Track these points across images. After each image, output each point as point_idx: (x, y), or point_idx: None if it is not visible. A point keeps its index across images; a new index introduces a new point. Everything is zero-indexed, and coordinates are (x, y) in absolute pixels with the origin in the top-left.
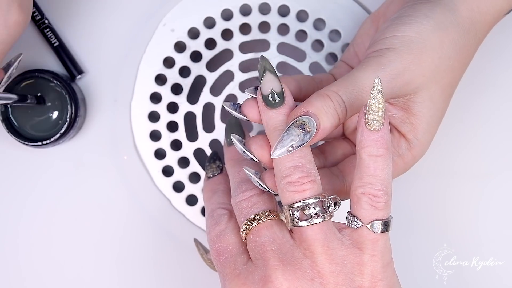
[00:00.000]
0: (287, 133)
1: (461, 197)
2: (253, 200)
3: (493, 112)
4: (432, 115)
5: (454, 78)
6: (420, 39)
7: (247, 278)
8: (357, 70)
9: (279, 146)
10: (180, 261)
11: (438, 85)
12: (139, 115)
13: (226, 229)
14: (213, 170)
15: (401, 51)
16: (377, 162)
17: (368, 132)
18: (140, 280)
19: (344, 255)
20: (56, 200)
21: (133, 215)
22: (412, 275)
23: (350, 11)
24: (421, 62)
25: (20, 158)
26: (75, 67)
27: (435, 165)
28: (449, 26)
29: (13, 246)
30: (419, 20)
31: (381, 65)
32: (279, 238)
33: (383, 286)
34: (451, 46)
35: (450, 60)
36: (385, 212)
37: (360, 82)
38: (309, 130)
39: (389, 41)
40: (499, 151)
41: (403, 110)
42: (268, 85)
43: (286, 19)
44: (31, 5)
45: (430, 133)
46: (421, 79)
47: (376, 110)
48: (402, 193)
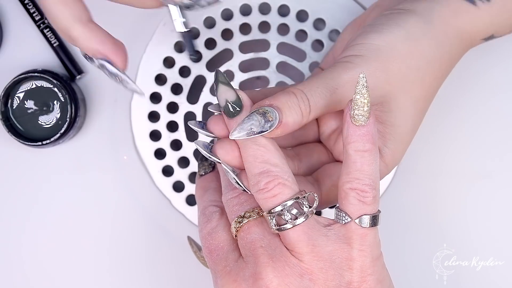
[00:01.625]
0: (248, 118)
1: (461, 197)
2: (243, 197)
3: (495, 111)
4: (403, 125)
5: (427, 91)
6: (388, 47)
7: (238, 275)
8: (324, 72)
9: (238, 128)
10: (180, 261)
11: (408, 96)
12: (139, 115)
13: (217, 226)
14: (205, 168)
15: (368, 58)
16: (363, 157)
17: (354, 127)
18: (140, 280)
19: (331, 250)
20: (56, 200)
21: (133, 215)
22: (412, 275)
23: (350, 11)
24: (387, 70)
25: (20, 158)
26: (75, 67)
27: (435, 165)
28: (420, 37)
29: (13, 246)
30: (390, 29)
31: (348, 69)
32: (269, 234)
33: (372, 280)
34: (421, 57)
35: (420, 72)
36: (373, 206)
37: (325, 82)
38: (271, 119)
39: (357, 48)
40: (499, 151)
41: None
42: (222, 96)
43: (286, 19)
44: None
45: (401, 142)
46: (386, 87)
47: (361, 105)
48: (402, 193)
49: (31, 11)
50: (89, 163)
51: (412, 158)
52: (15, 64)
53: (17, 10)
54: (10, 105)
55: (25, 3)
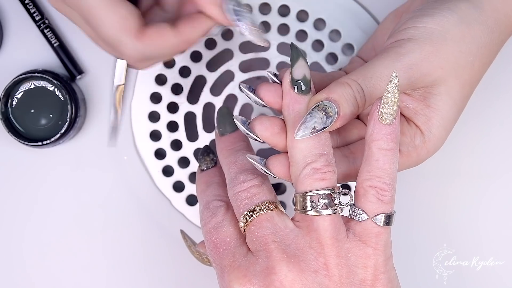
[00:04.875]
0: (310, 115)
1: (461, 197)
2: (252, 191)
3: (495, 111)
4: (449, 110)
5: (474, 77)
6: (442, 31)
7: (248, 270)
8: (376, 59)
9: (303, 127)
10: (180, 261)
11: (457, 81)
12: (139, 115)
13: (223, 220)
14: (207, 163)
15: (421, 42)
16: (386, 156)
17: (380, 126)
18: (140, 279)
19: (348, 247)
20: (56, 200)
21: (133, 215)
22: (412, 275)
23: (350, 11)
24: (440, 54)
25: (20, 158)
26: (75, 67)
27: (436, 165)
28: (472, 22)
29: (13, 246)
30: (442, 13)
31: (400, 55)
32: (281, 229)
33: (384, 279)
34: (473, 42)
35: (471, 56)
36: (390, 205)
37: (378, 71)
38: (331, 114)
39: (409, 32)
40: (499, 152)
41: (419, 102)
42: (300, 70)
43: (286, 19)
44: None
45: (445, 128)
46: (439, 71)
47: (391, 104)
48: (402, 193)
49: (31, 11)
50: (89, 163)
51: None
52: (15, 64)
53: (17, 10)
54: (10, 105)
55: (25, 3)
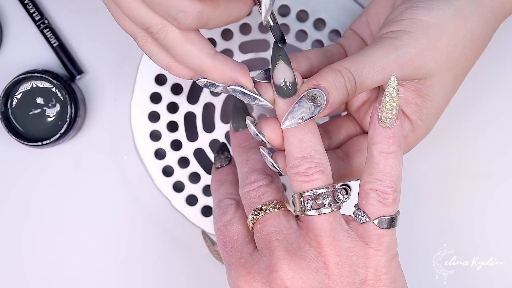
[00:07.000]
0: (298, 104)
1: (461, 197)
2: (261, 190)
3: (495, 111)
4: (440, 100)
5: (467, 67)
6: (438, 25)
7: (253, 267)
8: (370, 49)
9: (290, 117)
10: (180, 261)
11: (450, 72)
12: (139, 115)
13: (233, 219)
14: (222, 161)
15: (416, 35)
16: (387, 159)
17: (380, 129)
18: (140, 280)
19: (349, 247)
20: (56, 200)
21: (133, 215)
22: (412, 275)
23: (350, 11)
24: (435, 49)
25: (20, 158)
26: (75, 67)
27: (436, 165)
28: (468, 14)
29: (13, 246)
30: (439, 5)
31: (395, 47)
32: (285, 228)
33: (387, 279)
34: (468, 34)
35: (465, 48)
36: (392, 208)
37: (371, 62)
38: (320, 104)
39: (406, 24)
40: (500, 152)
41: (411, 92)
42: (280, 74)
43: (286, 19)
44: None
45: (436, 116)
46: (433, 65)
47: (390, 109)
48: (402, 193)
49: (31, 11)
50: (89, 163)
51: (412, 159)
52: (15, 64)
53: (17, 10)
54: (10, 105)
55: (25, 3)
